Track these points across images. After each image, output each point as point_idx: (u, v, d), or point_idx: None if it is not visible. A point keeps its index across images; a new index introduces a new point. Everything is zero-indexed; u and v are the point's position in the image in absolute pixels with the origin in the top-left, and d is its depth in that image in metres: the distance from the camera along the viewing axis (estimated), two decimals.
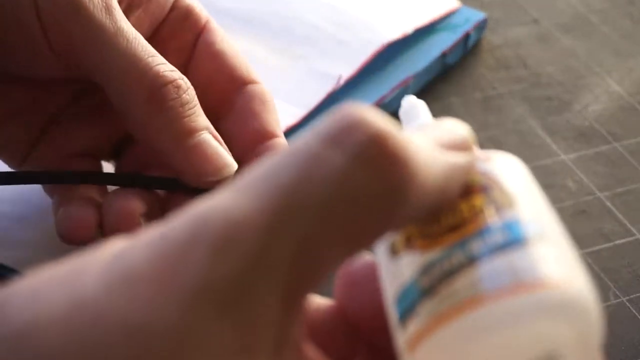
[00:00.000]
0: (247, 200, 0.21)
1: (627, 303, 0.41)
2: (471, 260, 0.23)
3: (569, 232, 0.44)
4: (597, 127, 0.51)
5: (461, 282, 0.23)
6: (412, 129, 0.27)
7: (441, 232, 0.24)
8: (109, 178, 0.38)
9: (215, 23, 0.41)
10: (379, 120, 0.22)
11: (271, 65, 0.50)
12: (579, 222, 0.45)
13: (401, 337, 0.23)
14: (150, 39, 0.39)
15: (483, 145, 0.49)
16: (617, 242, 0.44)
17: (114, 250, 0.21)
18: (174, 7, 0.40)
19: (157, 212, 0.38)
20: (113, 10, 0.36)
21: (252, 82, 0.40)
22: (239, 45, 0.50)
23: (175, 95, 0.36)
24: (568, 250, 0.24)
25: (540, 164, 0.48)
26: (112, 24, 0.36)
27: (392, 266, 0.25)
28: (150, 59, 0.36)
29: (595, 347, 0.23)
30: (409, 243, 0.24)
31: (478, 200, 0.24)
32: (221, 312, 0.20)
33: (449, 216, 0.24)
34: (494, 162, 0.26)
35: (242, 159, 0.38)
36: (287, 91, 0.49)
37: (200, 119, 0.37)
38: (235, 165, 0.37)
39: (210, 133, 0.37)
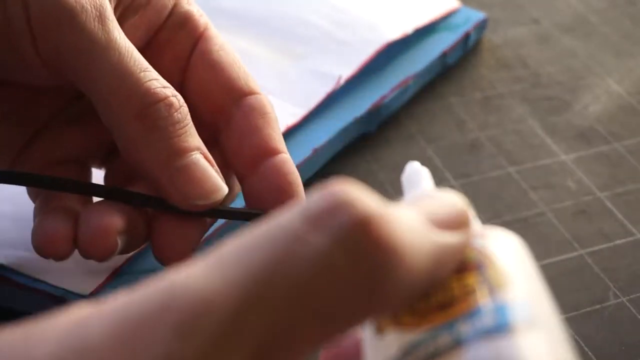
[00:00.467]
0: (218, 278, 0.20)
1: (627, 303, 0.41)
2: (457, 344, 0.22)
3: (569, 232, 0.44)
4: (597, 127, 0.51)
5: None
6: (407, 202, 0.26)
7: (429, 310, 0.23)
8: (95, 189, 0.37)
9: (214, 30, 0.39)
10: (366, 201, 0.21)
11: (271, 65, 0.50)
12: (579, 222, 0.45)
13: None
14: (147, 46, 0.38)
15: (483, 145, 0.49)
16: (617, 242, 0.44)
17: (75, 317, 0.20)
18: (171, 13, 0.38)
19: (140, 230, 0.36)
20: (106, 20, 0.34)
21: (251, 93, 0.38)
22: (238, 45, 0.50)
23: (166, 114, 0.34)
24: (559, 338, 0.23)
25: (540, 164, 0.48)
26: (104, 34, 0.34)
27: (376, 343, 0.24)
28: (142, 74, 0.34)
29: None
30: (395, 319, 0.23)
31: (471, 279, 0.23)
32: None
33: (438, 293, 0.23)
34: (491, 238, 0.25)
35: (245, 178, 0.37)
36: (287, 91, 0.48)
37: (191, 139, 0.35)
38: (226, 189, 0.36)
39: (202, 154, 0.35)
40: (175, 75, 0.38)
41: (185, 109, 0.35)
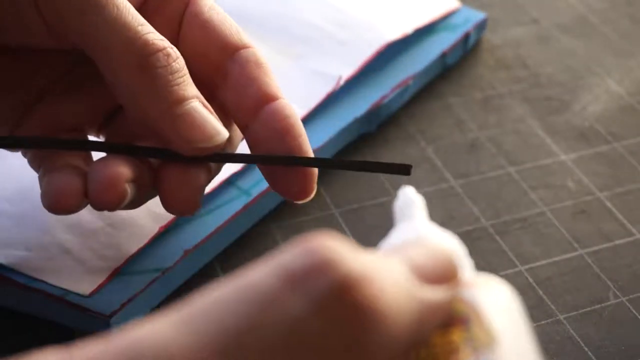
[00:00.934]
0: (188, 336, 0.19)
1: (627, 303, 0.41)
2: None
3: (569, 232, 0.44)
4: (597, 127, 0.51)
5: None
6: (394, 248, 0.25)
7: None
8: (97, 146, 0.37)
9: None
10: (347, 260, 0.20)
11: (271, 65, 0.50)
12: (579, 222, 0.45)
13: None
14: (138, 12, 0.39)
15: (483, 145, 0.49)
16: (617, 242, 0.44)
17: None
18: None
19: (147, 180, 0.37)
20: None
21: (244, 46, 0.39)
22: None
23: (165, 63, 0.35)
24: None
25: (540, 164, 0.48)
26: None
27: None
28: (140, 27, 0.35)
29: None
30: None
31: (456, 336, 0.22)
32: None
33: (421, 350, 0.22)
34: (480, 289, 0.24)
35: (246, 127, 0.38)
36: (286, 91, 0.48)
37: (189, 87, 0.36)
38: (226, 134, 0.36)
39: (200, 102, 0.36)
40: (169, 39, 0.38)
41: (181, 60, 0.36)
